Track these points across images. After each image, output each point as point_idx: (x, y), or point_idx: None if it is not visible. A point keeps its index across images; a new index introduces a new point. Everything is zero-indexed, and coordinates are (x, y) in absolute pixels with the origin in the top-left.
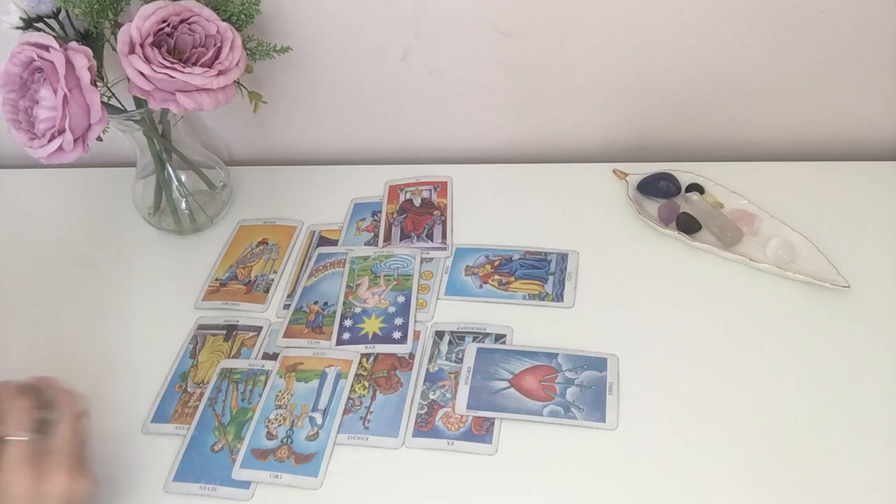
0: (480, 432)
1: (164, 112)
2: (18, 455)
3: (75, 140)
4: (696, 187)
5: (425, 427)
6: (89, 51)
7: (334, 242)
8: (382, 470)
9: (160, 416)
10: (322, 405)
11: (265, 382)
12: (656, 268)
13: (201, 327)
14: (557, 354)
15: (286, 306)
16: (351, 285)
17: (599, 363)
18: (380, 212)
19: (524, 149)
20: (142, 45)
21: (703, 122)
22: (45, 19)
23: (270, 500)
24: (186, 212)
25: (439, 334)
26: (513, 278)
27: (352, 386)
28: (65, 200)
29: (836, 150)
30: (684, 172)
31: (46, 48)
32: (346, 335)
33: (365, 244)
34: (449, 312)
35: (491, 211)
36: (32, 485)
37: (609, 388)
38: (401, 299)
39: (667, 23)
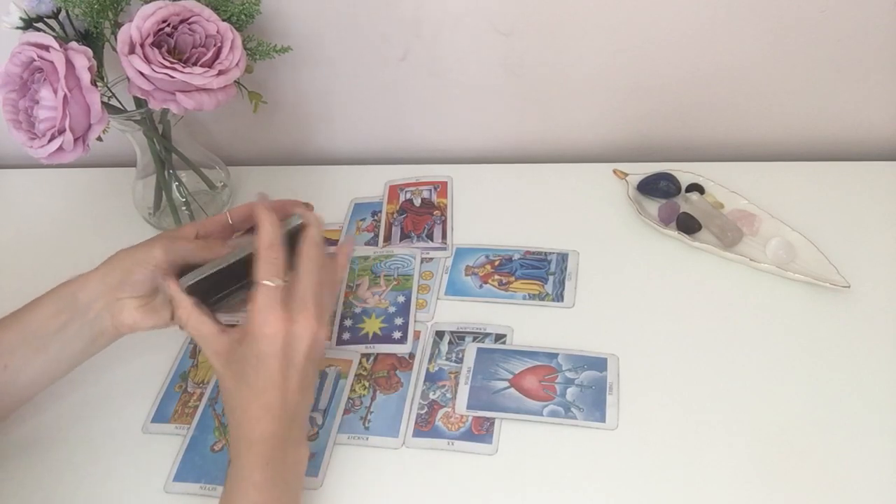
0: (480, 432)
1: (164, 112)
2: (271, 298)
3: (75, 140)
4: (696, 187)
5: (425, 427)
6: (89, 51)
7: (334, 242)
8: (382, 470)
9: (160, 416)
10: (322, 405)
11: None
12: (656, 268)
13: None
14: (557, 354)
15: None
16: (351, 285)
17: (599, 363)
18: (380, 212)
19: (524, 149)
20: (142, 45)
21: (703, 123)
22: (45, 19)
23: None
24: (186, 212)
25: (439, 334)
26: (513, 278)
27: (352, 386)
28: (65, 200)
29: (836, 150)
30: (684, 172)
31: (46, 48)
32: (347, 335)
33: (365, 244)
34: (449, 312)
35: (491, 211)
36: (284, 325)
37: (609, 388)
38: (401, 299)
39: (667, 23)
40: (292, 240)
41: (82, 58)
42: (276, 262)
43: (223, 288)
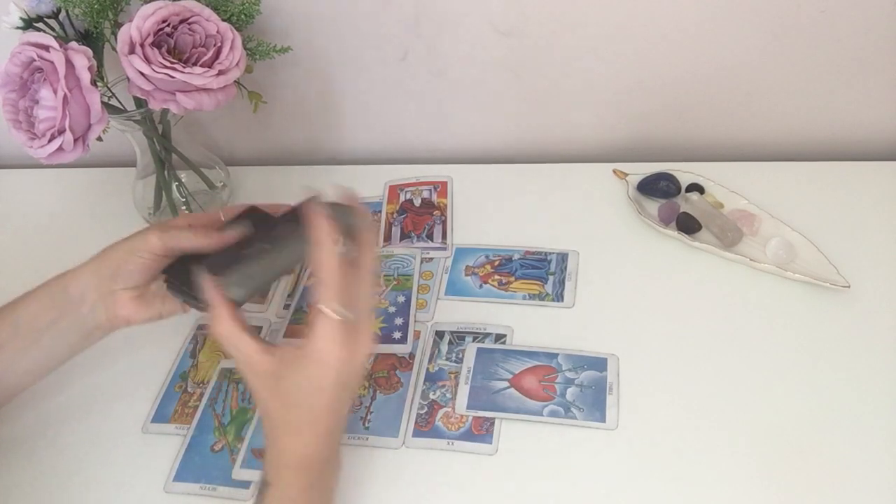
0: (480, 432)
1: (164, 112)
2: (336, 328)
3: (75, 140)
4: (696, 187)
5: (425, 427)
6: (89, 51)
7: None
8: (382, 470)
9: (160, 416)
10: None
11: None
12: (656, 268)
13: (201, 327)
14: (557, 354)
15: (286, 306)
16: None
17: (599, 363)
18: (380, 212)
19: (524, 149)
20: (142, 45)
21: (703, 123)
22: (45, 19)
23: None
24: (186, 212)
25: (439, 334)
26: (513, 278)
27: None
28: (65, 200)
29: (836, 150)
30: (684, 172)
31: (46, 48)
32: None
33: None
34: (449, 312)
35: (491, 211)
36: (347, 356)
37: (609, 388)
38: (401, 299)
39: (667, 23)
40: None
41: (82, 58)
42: (341, 290)
43: (240, 255)
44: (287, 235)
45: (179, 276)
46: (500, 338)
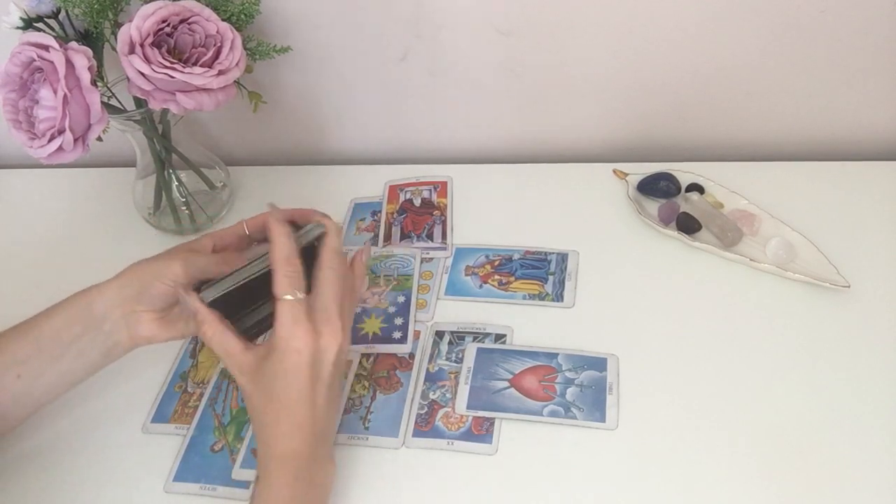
0: (480, 432)
1: (164, 112)
2: (295, 313)
3: (75, 140)
4: (696, 187)
5: (425, 427)
6: (89, 51)
7: None
8: (382, 470)
9: (160, 416)
10: None
11: None
12: (656, 268)
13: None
14: (557, 354)
15: None
16: None
17: (599, 363)
18: (380, 212)
19: (524, 149)
20: (142, 45)
21: (703, 123)
22: (45, 19)
23: None
24: (186, 212)
25: (439, 334)
26: (513, 278)
27: (352, 386)
28: (65, 200)
29: (836, 150)
30: (684, 172)
31: (46, 48)
32: None
33: (365, 244)
34: (449, 312)
35: (491, 211)
36: (310, 339)
37: (609, 388)
38: (401, 299)
39: (667, 23)
40: (311, 249)
41: (82, 58)
42: (294, 276)
43: (247, 302)
44: (264, 253)
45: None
46: (500, 338)
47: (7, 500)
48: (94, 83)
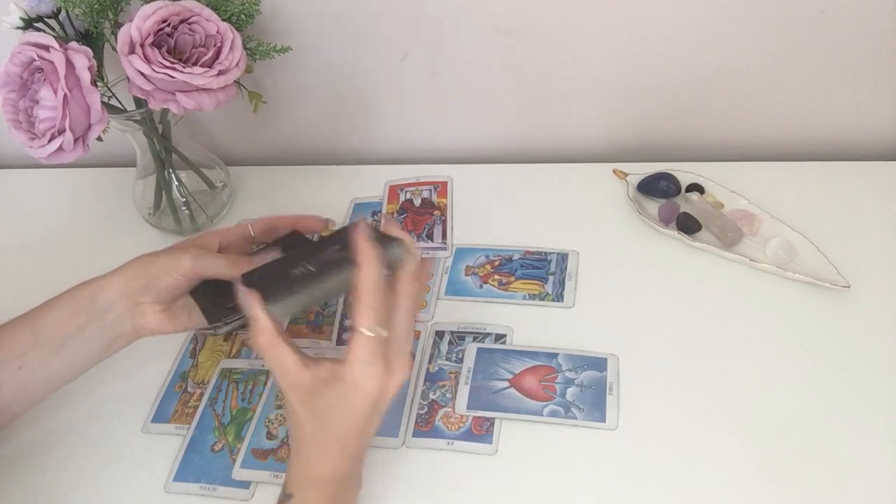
0: (480, 432)
1: (164, 112)
2: (374, 350)
3: (75, 140)
4: (696, 187)
5: (425, 427)
6: (89, 51)
7: None
8: (382, 470)
9: (160, 416)
10: None
11: (265, 382)
12: (656, 268)
13: (201, 327)
14: (557, 354)
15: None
16: None
17: (599, 363)
18: (380, 212)
19: (524, 149)
20: (142, 45)
21: (704, 123)
22: (45, 19)
23: (270, 500)
24: (186, 212)
25: (439, 334)
26: (513, 278)
27: None
28: (65, 200)
29: (836, 150)
30: (684, 172)
31: (46, 48)
32: (347, 335)
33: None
34: (449, 312)
35: (491, 211)
36: (383, 379)
37: (609, 388)
38: None
39: (667, 23)
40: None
41: (82, 58)
42: (379, 310)
43: (287, 287)
44: (334, 261)
45: (209, 294)
46: (500, 338)
47: (7, 501)
48: (94, 83)
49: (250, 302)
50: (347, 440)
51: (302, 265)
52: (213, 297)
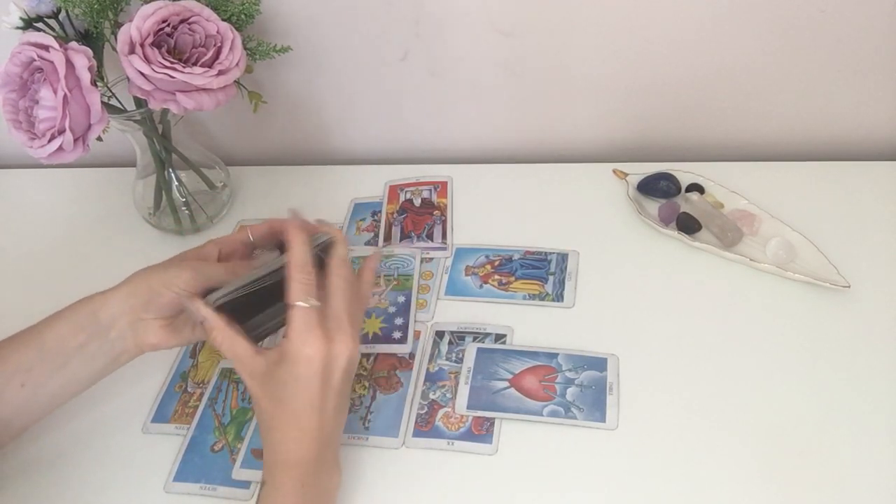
0: (480, 432)
1: (164, 112)
2: (308, 320)
3: (75, 140)
4: (696, 187)
5: (425, 427)
6: (89, 51)
7: None
8: (382, 470)
9: (160, 416)
10: None
11: None
12: (656, 268)
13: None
14: (557, 354)
15: None
16: None
17: (599, 363)
18: (380, 212)
19: (524, 149)
20: (142, 45)
21: (703, 123)
22: (45, 19)
23: None
24: (186, 212)
25: (439, 334)
26: (513, 278)
27: (352, 386)
28: (65, 200)
29: (836, 150)
30: (684, 172)
31: (46, 48)
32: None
33: (365, 244)
34: (449, 312)
35: (491, 211)
36: (322, 346)
37: (609, 388)
38: (401, 299)
39: (667, 23)
40: (318, 259)
41: (82, 58)
42: (308, 283)
43: (253, 308)
44: (281, 267)
45: (237, 316)
46: (500, 338)
47: (7, 501)
48: (94, 83)
49: (195, 306)
50: (305, 418)
51: (265, 279)
52: (238, 318)
